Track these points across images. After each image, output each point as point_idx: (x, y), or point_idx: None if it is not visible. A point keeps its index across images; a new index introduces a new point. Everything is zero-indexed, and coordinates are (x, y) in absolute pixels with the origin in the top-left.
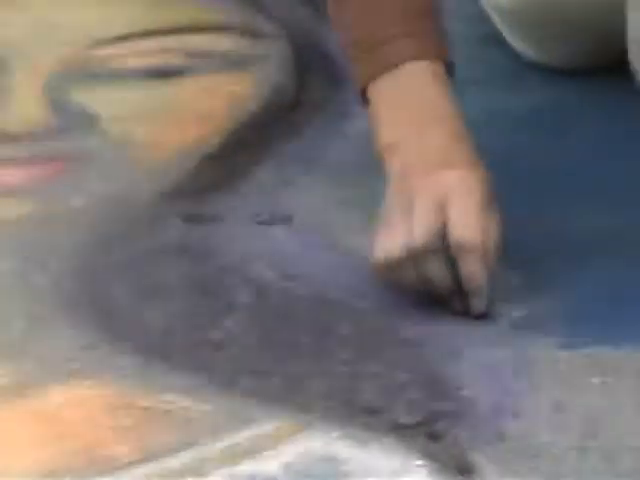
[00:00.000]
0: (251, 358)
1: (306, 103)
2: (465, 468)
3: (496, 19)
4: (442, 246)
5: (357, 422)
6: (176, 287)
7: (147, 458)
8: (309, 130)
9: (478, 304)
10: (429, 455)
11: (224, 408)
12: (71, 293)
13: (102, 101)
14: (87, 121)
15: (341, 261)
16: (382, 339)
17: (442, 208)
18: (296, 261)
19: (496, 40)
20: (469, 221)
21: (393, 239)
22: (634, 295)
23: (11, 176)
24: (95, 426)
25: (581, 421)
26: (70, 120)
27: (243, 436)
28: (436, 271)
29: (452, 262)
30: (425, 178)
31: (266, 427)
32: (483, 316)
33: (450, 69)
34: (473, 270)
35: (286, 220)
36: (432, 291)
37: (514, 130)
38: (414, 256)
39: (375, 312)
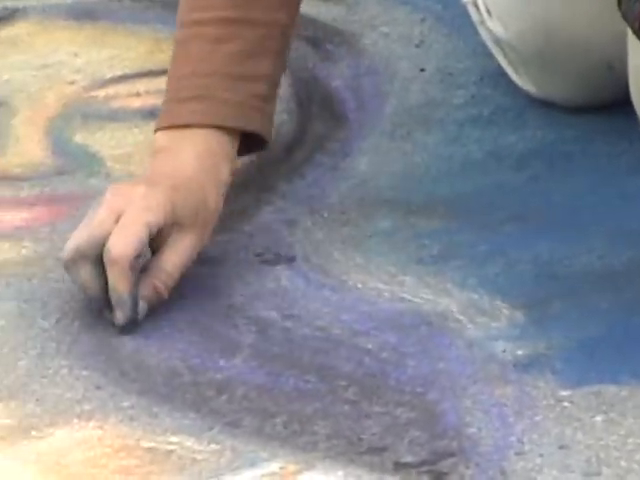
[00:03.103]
0: (255, 398)
1: (307, 142)
2: None
3: (498, 55)
4: (95, 253)
5: (361, 462)
6: (180, 327)
7: None
8: (311, 170)
9: (119, 316)
10: None
11: (228, 448)
12: (74, 334)
13: (104, 142)
14: (89, 162)
15: (344, 300)
16: (385, 378)
17: (117, 219)
18: (299, 301)
19: (499, 77)
20: (126, 234)
21: (71, 239)
22: (635, 333)
23: (14, 218)
24: (99, 468)
25: (585, 459)
26: (72, 161)
27: (247, 476)
28: (88, 277)
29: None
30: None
31: (270, 467)
32: (127, 330)
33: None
34: (115, 281)
35: (289, 260)
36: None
37: (517, 168)
38: (73, 259)
39: (378, 351)
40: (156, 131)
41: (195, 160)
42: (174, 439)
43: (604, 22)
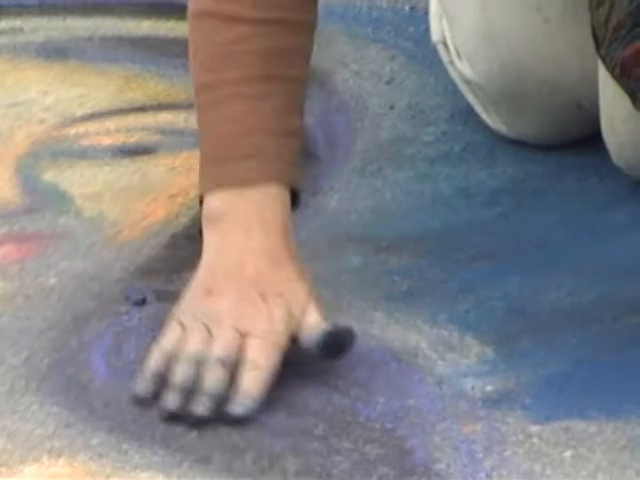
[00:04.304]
0: (224, 435)
1: None
2: None
3: (467, 94)
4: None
5: None
6: None
7: None
8: None
9: (238, 410)
10: None
11: None
12: (44, 371)
13: (74, 180)
14: (59, 200)
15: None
16: (354, 414)
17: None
18: None
19: (470, 114)
20: (270, 347)
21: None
22: (603, 369)
23: None
24: None
25: None
26: (42, 199)
27: None
28: (215, 378)
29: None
30: (231, 308)
31: None
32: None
33: (296, 195)
34: (253, 386)
35: None
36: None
37: (487, 205)
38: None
39: (347, 388)
40: (204, 193)
41: (265, 231)
42: (144, 475)
43: (572, 63)
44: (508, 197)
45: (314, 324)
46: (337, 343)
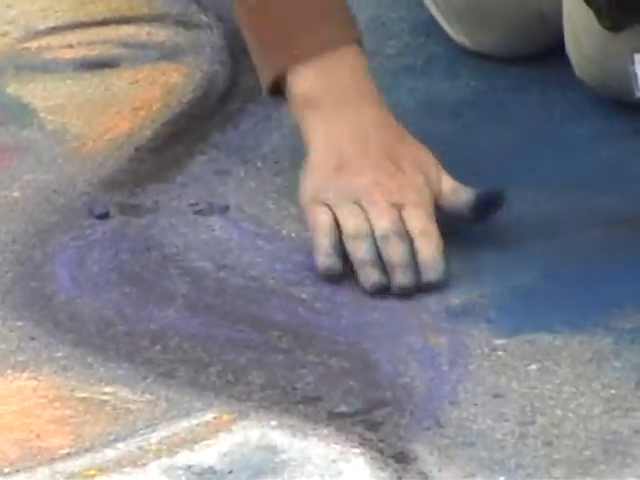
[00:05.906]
0: (189, 348)
1: (240, 93)
2: (402, 456)
3: (430, 7)
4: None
5: (295, 411)
6: (114, 278)
7: (85, 449)
8: (244, 120)
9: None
10: (367, 444)
11: (163, 398)
12: (8, 285)
13: (37, 93)
14: (22, 113)
15: (277, 250)
16: (319, 328)
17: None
18: (233, 251)
19: (432, 26)
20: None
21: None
22: (568, 281)
23: None
24: (33, 418)
25: (520, 408)
26: (5, 112)
27: (181, 426)
28: (401, 250)
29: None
30: (375, 183)
31: (205, 417)
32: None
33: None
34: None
35: (223, 210)
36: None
37: (450, 117)
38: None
39: (312, 301)
40: (282, 75)
41: (369, 104)
42: (108, 389)
43: None
44: (471, 109)
45: (458, 187)
46: (491, 203)
